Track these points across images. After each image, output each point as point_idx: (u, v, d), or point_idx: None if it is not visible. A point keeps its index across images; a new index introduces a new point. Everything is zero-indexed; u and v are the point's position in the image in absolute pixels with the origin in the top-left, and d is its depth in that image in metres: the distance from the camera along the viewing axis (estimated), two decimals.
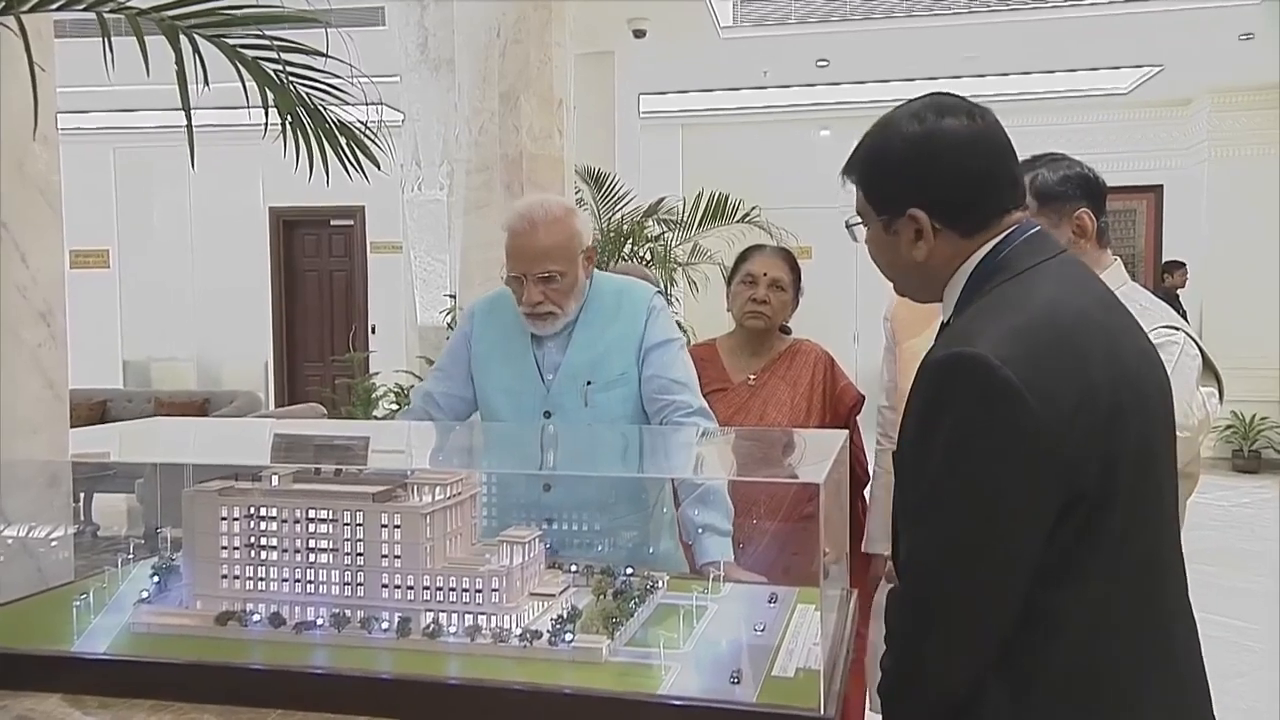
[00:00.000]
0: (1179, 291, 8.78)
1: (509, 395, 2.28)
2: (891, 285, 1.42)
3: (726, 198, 6.89)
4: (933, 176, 1.29)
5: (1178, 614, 1.28)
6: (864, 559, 2.63)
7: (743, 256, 2.87)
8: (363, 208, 10.17)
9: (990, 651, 1.19)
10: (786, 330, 2.91)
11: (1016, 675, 1.19)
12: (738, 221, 6.90)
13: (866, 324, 8.86)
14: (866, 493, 2.71)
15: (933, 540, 1.19)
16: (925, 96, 1.33)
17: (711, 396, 2.80)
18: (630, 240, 6.75)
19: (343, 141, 1.99)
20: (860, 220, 1.38)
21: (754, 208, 6.90)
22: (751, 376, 2.80)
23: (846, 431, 1.98)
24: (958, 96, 1.33)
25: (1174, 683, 1.25)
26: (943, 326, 1.34)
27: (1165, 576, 1.27)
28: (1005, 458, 1.14)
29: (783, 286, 2.77)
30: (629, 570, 1.87)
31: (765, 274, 2.77)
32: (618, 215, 6.88)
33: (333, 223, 10.55)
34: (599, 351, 2.29)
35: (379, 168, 2.17)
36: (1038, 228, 1.32)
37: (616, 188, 6.85)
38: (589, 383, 2.26)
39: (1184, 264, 9.02)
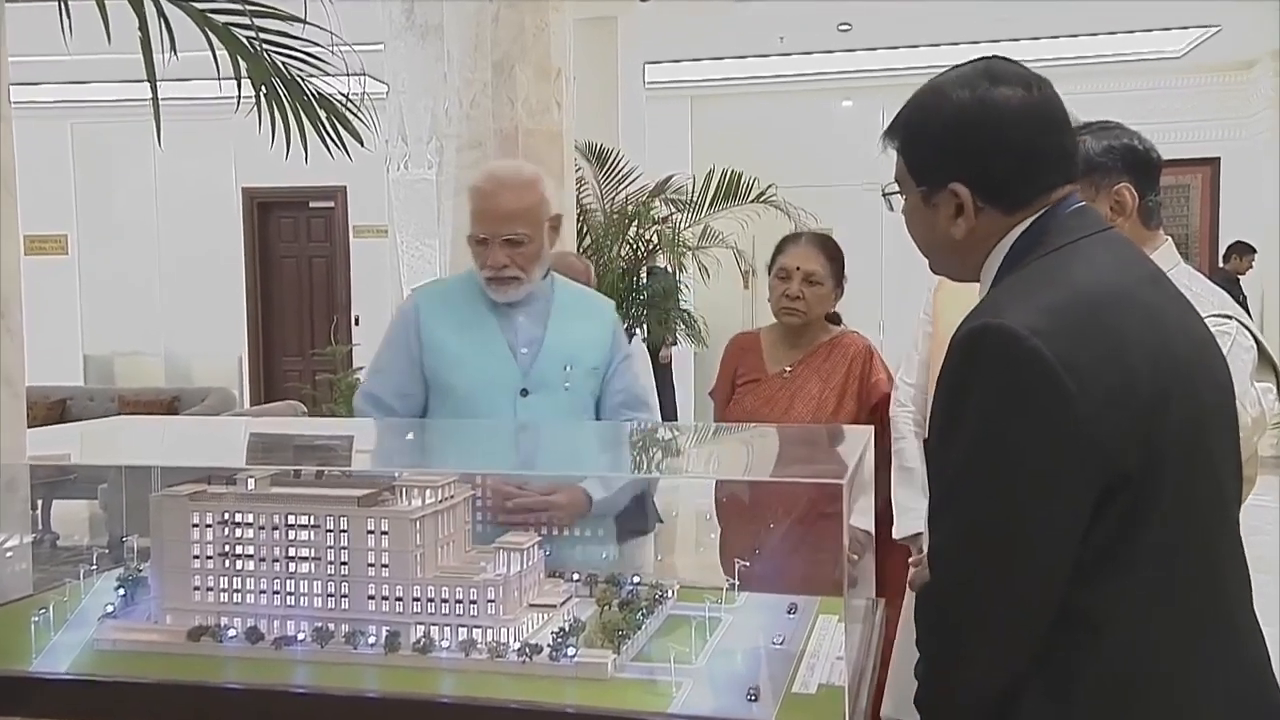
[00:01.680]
0: (1239, 277, 8.72)
1: (476, 373, 2.33)
2: (928, 263, 1.43)
3: (740, 176, 6.87)
4: (979, 150, 1.29)
5: (1238, 620, 1.28)
6: (895, 565, 2.63)
7: (780, 247, 2.95)
8: (344, 188, 10.16)
9: (1026, 649, 1.20)
10: (835, 320, 2.97)
11: (1056, 676, 1.20)
12: (752, 201, 6.89)
13: (894, 312, 8.83)
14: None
15: (959, 528, 1.21)
16: (979, 60, 1.34)
17: (744, 388, 2.86)
18: (635, 222, 6.75)
19: (322, 115, 2.00)
20: (898, 189, 1.39)
21: (770, 186, 6.89)
22: (788, 368, 2.88)
23: (871, 428, 1.98)
24: (1014, 63, 1.33)
25: (1233, 691, 1.25)
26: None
27: (1224, 581, 1.27)
28: (1035, 436, 1.15)
29: (818, 280, 2.84)
30: (636, 579, 1.88)
31: (799, 268, 2.84)
32: (621, 195, 6.87)
33: (312, 205, 10.55)
34: (578, 339, 2.40)
35: (362, 144, 2.18)
36: (1080, 203, 1.33)
37: (620, 165, 6.84)
38: (568, 366, 2.36)
39: (1253, 248, 8.92)
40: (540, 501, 2.21)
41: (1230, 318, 1.99)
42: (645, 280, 6.98)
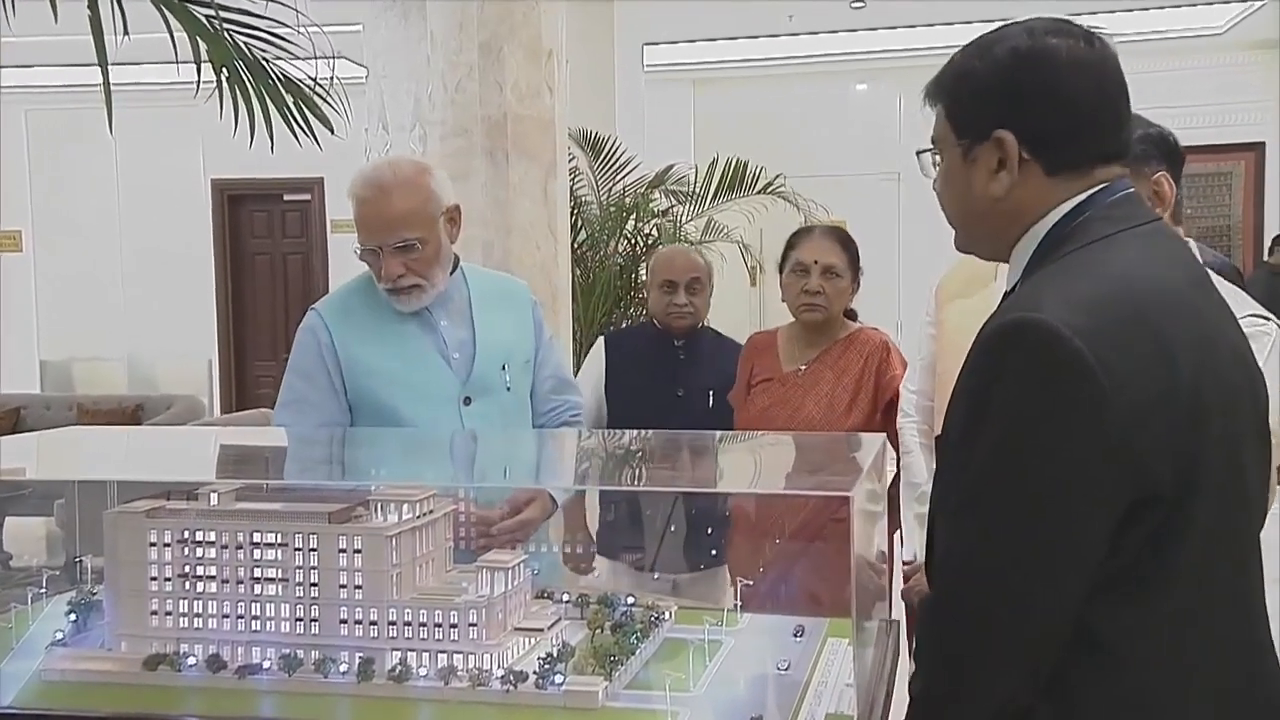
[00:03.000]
0: None
1: (409, 389, 2.32)
2: (954, 238, 1.42)
3: (745, 165, 6.88)
4: (1030, 95, 1.30)
5: (1265, 644, 1.28)
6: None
7: (790, 243, 2.98)
8: (321, 179, 10.15)
9: (1035, 672, 1.20)
10: (852, 316, 3.02)
11: (1068, 705, 1.19)
12: (759, 193, 6.90)
13: (912, 308, 8.83)
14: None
15: (973, 538, 1.20)
16: (1036, 18, 1.35)
17: (758, 388, 2.89)
18: (634, 215, 6.75)
19: (289, 101, 1.99)
20: (934, 147, 1.39)
21: (778, 176, 6.89)
22: (802, 366, 2.93)
23: (883, 436, 1.98)
24: (1076, 24, 1.34)
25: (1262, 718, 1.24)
26: (1006, 296, 1.34)
27: (1254, 604, 1.27)
28: (1067, 444, 1.14)
29: (837, 272, 2.88)
30: (630, 599, 1.88)
31: (816, 261, 2.88)
32: (619, 186, 6.88)
33: (286, 197, 10.56)
34: (507, 333, 2.43)
35: (332, 131, 2.18)
36: (1130, 189, 1.33)
37: (617, 154, 6.84)
38: (504, 365, 2.39)
39: None
40: (520, 523, 2.26)
41: (1268, 319, 1.99)
42: (645, 278, 6.98)
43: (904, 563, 2.61)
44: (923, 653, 1.27)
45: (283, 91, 1.94)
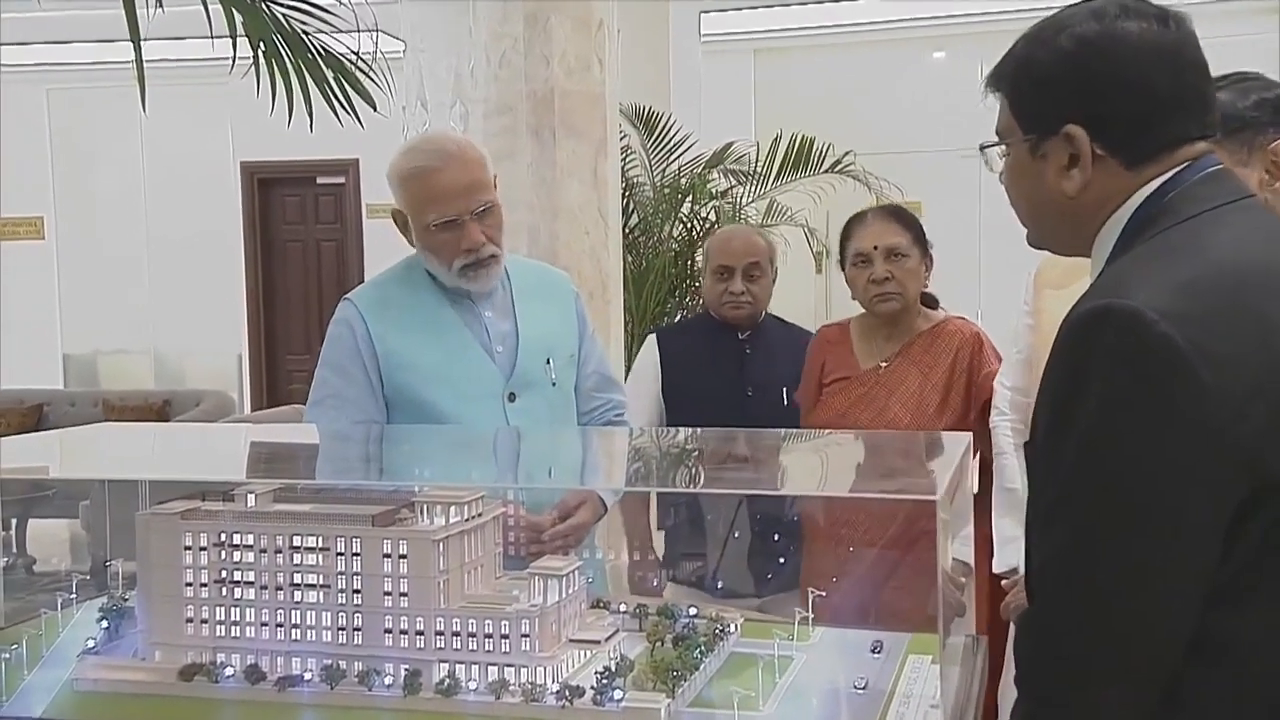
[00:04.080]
0: None
1: (450, 384, 2.34)
2: (1026, 234, 1.42)
3: (811, 142, 6.84)
4: (1102, 86, 1.29)
5: None
6: (1001, 598, 2.60)
7: (845, 234, 2.93)
8: (356, 161, 10.22)
9: (1154, 689, 1.18)
10: (932, 303, 2.95)
11: (1186, 717, 1.18)
12: (825, 172, 6.86)
13: (995, 296, 8.75)
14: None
15: (1069, 543, 1.19)
16: None
17: (832, 387, 2.84)
18: (690, 197, 6.74)
19: (330, 76, 2.01)
20: (999, 141, 1.39)
21: (847, 153, 6.85)
22: (882, 363, 2.86)
23: (969, 434, 1.96)
24: (1149, 2, 1.32)
25: None
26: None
27: None
28: (1163, 438, 1.13)
29: (902, 252, 2.81)
30: (692, 610, 1.87)
31: (876, 246, 2.81)
32: (674, 166, 6.87)
33: (320, 180, 10.63)
34: (550, 325, 2.45)
35: (375, 109, 2.19)
36: (1218, 165, 1.32)
37: (672, 131, 6.84)
38: (549, 359, 2.41)
39: None
40: (571, 527, 2.29)
41: None
42: (701, 265, 6.98)
43: (1000, 575, 2.56)
44: (1024, 676, 1.26)
45: (323, 66, 1.96)
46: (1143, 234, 1.28)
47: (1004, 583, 2.47)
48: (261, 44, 1.95)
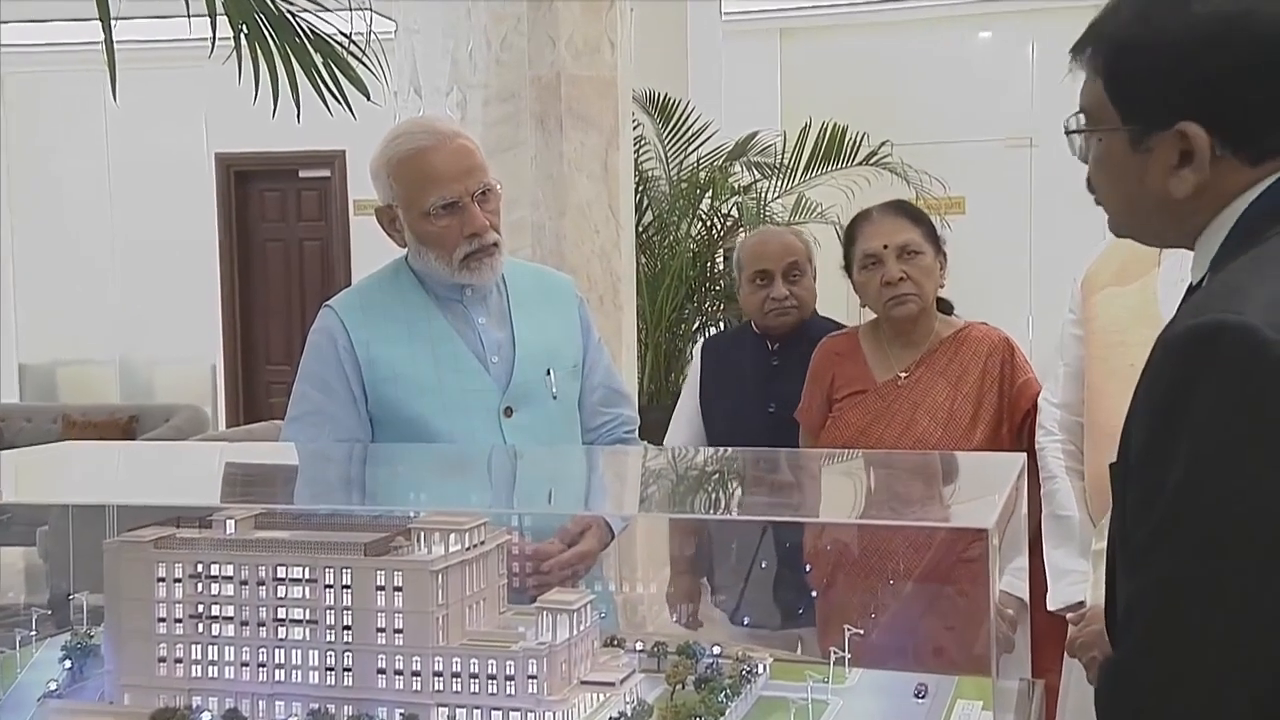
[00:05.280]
0: None
1: (441, 398, 2.35)
2: (1108, 221, 1.39)
3: (844, 131, 6.86)
4: (1230, 80, 1.24)
5: None
6: (1052, 637, 2.59)
7: (849, 236, 2.93)
8: (342, 153, 10.25)
9: None
10: (947, 308, 2.94)
11: None
12: (859, 164, 6.87)
13: (1047, 303, 8.73)
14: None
15: (1166, 586, 1.16)
16: None
17: (845, 402, 2.83)
18: (710, 192, 6.76)
19: (318, 60, 2.02)
20: (1088, 125, 1.35)
21: (882, 144, 6.86)
22: (902, 373, 2.85)
23: (1023, 456, 1.96)
24: None
25: None
26: (1190, 290, 1.32)
27: None
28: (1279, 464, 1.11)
29: (916, 249, 2.80)
30: (716, 649, 1.87)
31: (886, 245, 2.80)
32: (692, 158, 6.89)
33: (302, 174, 10.67)
34: (551, 332, 2.47)
35: (368, 97, 2.20)
36: None
37: (690, 120, 6.86)
38: (550, 370, 2.42)
39: None
40: (576, 556, 2.30)
41: None
42: (722, 265, 6.99)
43: (1055, 613, 2.55)
44: None
45: (311, 50, 1.97)
46: (1260, 232, 1.25)
47: (1070, 617, 2.46)
48: (244, 25, 1.96)
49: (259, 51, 2.00)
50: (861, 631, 1.87)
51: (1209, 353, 1.15)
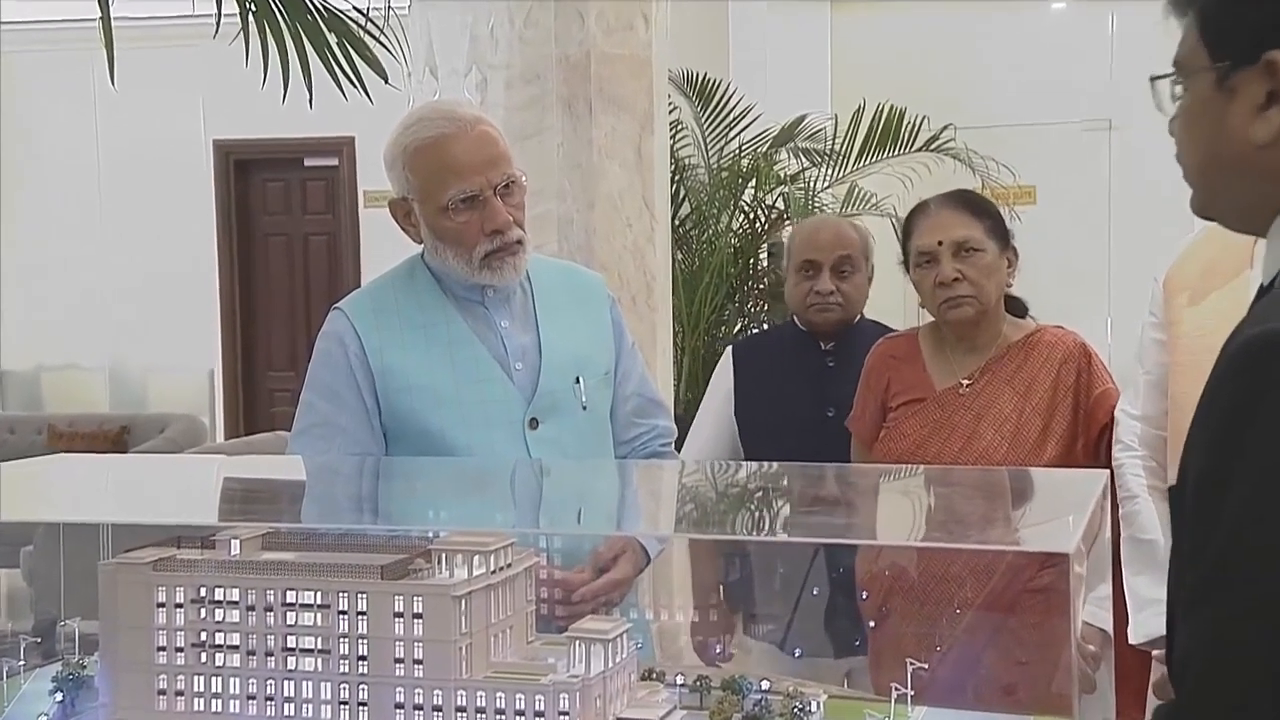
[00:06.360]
0: None
1: (460, 409, 2.36)
2: (1190, 198, 1.40)
3: (901, 114, 6.83)
4: None
5: None
6: (1132, 674, 2.58)
7: (906, 228, 2.93)
8: (351, 140, 10.26)
9: None
10: (1019, 309, 2.92)
11: None
12: (919, 150, 6.84)
13: (1128, 303, 8.66)
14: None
15: (1226, 627, 1.16)
16: None
17: (901, 411, 2.82)
18: (753, 182, 6.74)
19: (332, 39, 2.03)
20: (1175, 72, 1.36)
21: (944, 127, 6.83)
22: (965, 381, 2.83)
23: (1106, 473, 1.95)
24: None
25: None
26: (1260, 292, 1.31)
27: None
28: None
29: (974, 246, 2.79)
30: (765, 684, 1.87)
31: (941, 242, 2.79)
32: (734, 144, 6.88)
33: (308, 163, 10.68)
34: (581, 337, 2.47)
35: (386, 80, 2.21)
36: None
37: (732, 102, 6.85)
38: (579, 378, 2.42)
39: None
40: (609, 584, 2.30)
41: None
42: (766, 262, 6.98)
43: (1146, 647, 2.54)
44: None
45: (324, 29, 1.98)
46: None
47: (1155, 654, 2.44)
48: (251, 2, 1.98)
49: (267, 30, 2.02)
50: (924, 666, 1.87)
51: (1271, 367, 1.15)
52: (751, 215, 6.86)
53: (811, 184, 6.86)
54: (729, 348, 3.50)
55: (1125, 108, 8.54)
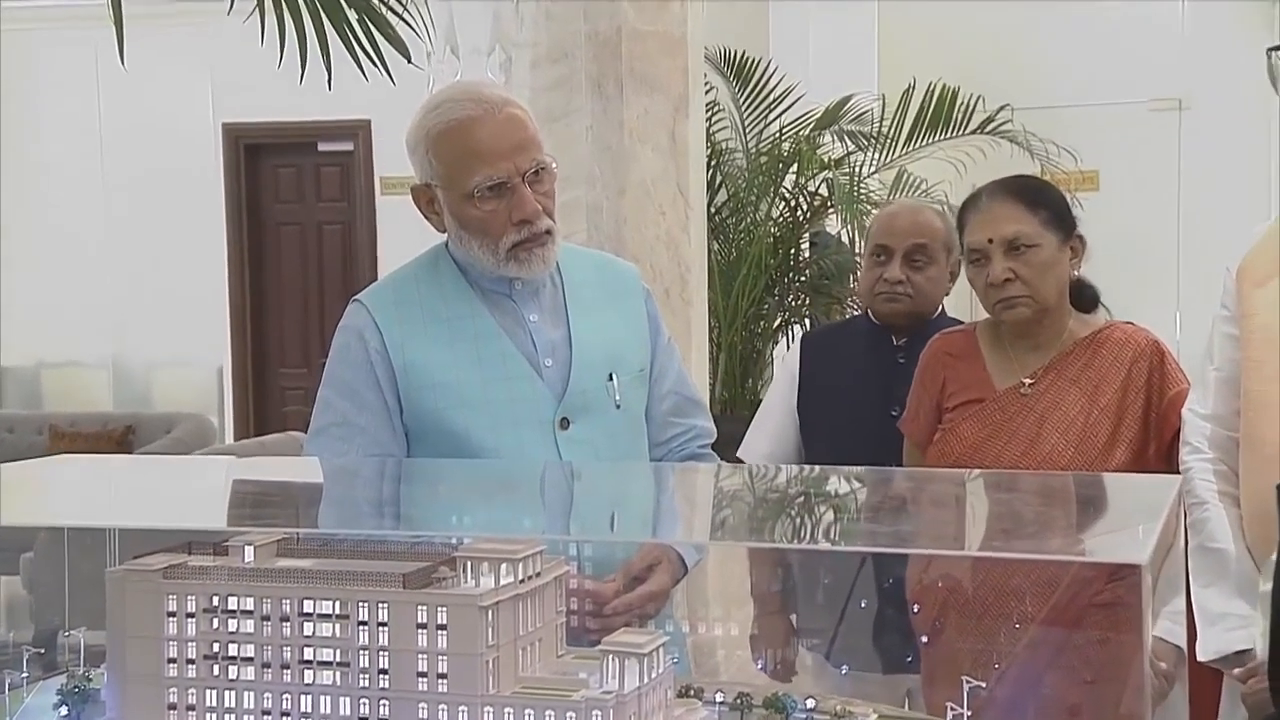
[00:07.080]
0: None
1: (487, 408, 2.37)
2: None
3: (954, 93, 6.82)
4: None
5: None
6: (1202, 693, 2.57)
7: (959, 223, 2.93)
8: (367, 124, 10.29)
9: None
10: (1089, 302, 2.91)
11: None
12: (973, 132, 6.83)
13: (1198, 295, 8.60)
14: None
15: None
16: None
17: (958, 412, 2.81)
18: (795, 167, 6.73)
19: (353, 19, 2.03)
20: None
21: (1000, 108, 6.83)
22: (1027, 380, 2.82)
23: (1179, 479, 1.94)
24: None
25: None
26: None
27: None
28: None
29: (1027, 242, 2.77)
30: (810, 702, 1.87)
31: (991, 239, 2.78)
32: (774, 126, 6.87)
33: (322, 147, 10.73)
34: (615, 333, 2.48)
35: (409, 59, 2.21)
36: None
37: (772, 82, 6.84)
38: (613, 375, 2.43)
39: None
40: (643, 597, 2.31)
41: None
42: (808, 253, 6.97)
43: (1217, 665, 2.52)
44: None
45: (344, 5, 1.99)
46: None
47: (1237, 672, 2.43)
48: None
49: (284, 7, 2.02)
50: (983, 684, 1.86)
51: None
52: (793, 203, 6.85)
53: (857, 169, 6.85)
54: (800, 339, 3.51)
55: (1196, 86, 8.49)
